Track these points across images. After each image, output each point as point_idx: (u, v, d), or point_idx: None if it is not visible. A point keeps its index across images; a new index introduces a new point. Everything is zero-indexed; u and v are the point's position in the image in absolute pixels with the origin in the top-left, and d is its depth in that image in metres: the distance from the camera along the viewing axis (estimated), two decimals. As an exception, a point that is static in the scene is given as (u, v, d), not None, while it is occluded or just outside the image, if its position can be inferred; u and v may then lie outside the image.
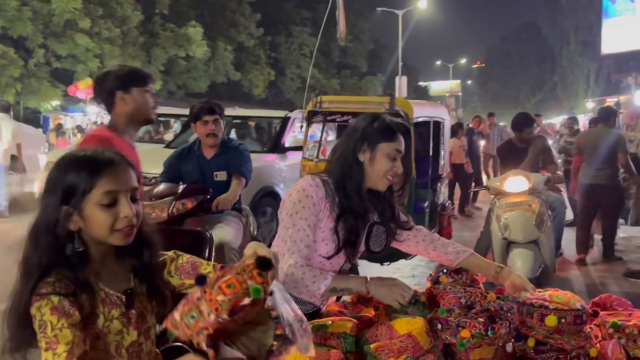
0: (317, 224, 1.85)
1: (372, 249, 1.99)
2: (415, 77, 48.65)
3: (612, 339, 1.48)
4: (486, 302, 1.55)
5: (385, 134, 1.88)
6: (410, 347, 1.45)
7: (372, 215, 1.98)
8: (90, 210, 1.26)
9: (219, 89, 28.94)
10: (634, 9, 22.15)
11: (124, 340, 1.32)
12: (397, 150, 1.89)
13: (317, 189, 1.87)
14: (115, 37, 19.45)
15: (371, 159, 1.88)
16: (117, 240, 1.30)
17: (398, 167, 1.90)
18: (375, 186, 1.91)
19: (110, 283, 1.34)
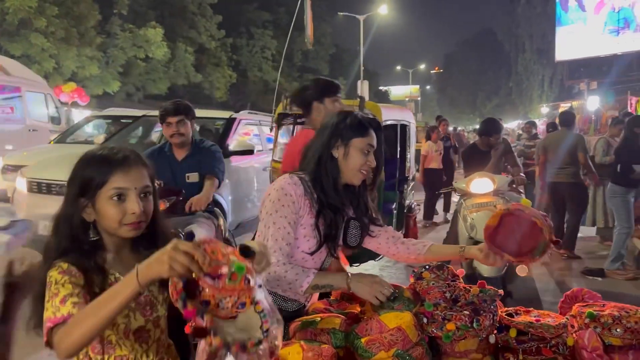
0: (298, 221, 1.88)
1: (349, 244, 2.02)
2: (376, 81, 49.27)
3: (588, 328, 1.56)
4: (470, 295, 1.60)
5: (357, 129, 1.93)
6: (400, 340, 1.49)
7: (348, 211, 2.02)
8: (102, 203, 1.37)
9: (179, 91, 28.51)
10: (585, 18, 23.11)
11: (130, 324, 1.40)
12: (369, 145, 1.93)
13: (295, 187, 1.89)
14: (71, 37, 18.93)
15: (345, 154, 1.92)
16: (125, 233, 1.39)
17: (371, 161, 1.94)
18: (351, 181, 1.95)
19: (122, 270, 1.40)
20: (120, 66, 22.83)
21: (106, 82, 21.67)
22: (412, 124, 6.29)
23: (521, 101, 41.50)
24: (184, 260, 1.10)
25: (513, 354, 1.60)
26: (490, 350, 1.63)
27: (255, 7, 34.21)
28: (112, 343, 1.40)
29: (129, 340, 1.40)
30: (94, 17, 20.09)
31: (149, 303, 1.45)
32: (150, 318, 1.45)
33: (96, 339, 1.31)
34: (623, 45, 21.41)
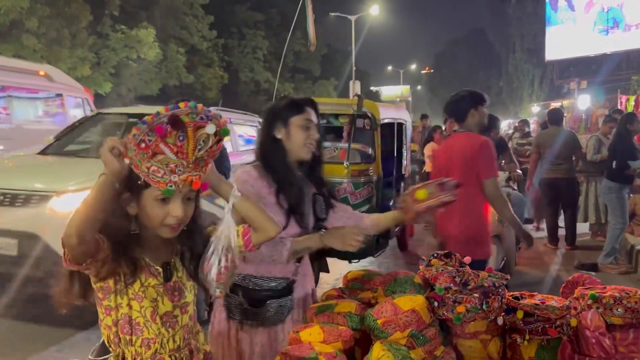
0: (261, 202, 1.91)
1: (319, 217, 2.16)
2: (367, 81, 49.41)
3: (590, 309, 1.65)
4: (479, 279, 1.69)
5: (293, 108, 2.07)
6: (414, 322, 1.57)
7: (311, 188, 2.17)
8: (146, 201, 1.40)
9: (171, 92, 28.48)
10: (574, 18, 23.35)
11: (158, 308, 1.47)
12: (308, 120, 2.07)
13: (249, 173, 2.04)
14: (63, 38, 18.85)
15: (287, 133, 2.06)
16: (164, 233, 1.44)
17: (313, 134, 2.08)
18: (300, 157, 2.08)
19: (154, 257, 1.48)
20: (112, 67, 22.75)
21: (98, 83, 21.60)
22: (409, 122, 6.40)
23: (512, 101, 41.83)
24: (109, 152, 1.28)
25: (520, 335, 1.68)
26: (498, 332, 1.71)
27: (247, 7, 34.22)
28: (140, 325, 1.45)
29: (155, 324, 1.46)
30: (85, 17, 20.01)
31: (177, 289, 1.51)
32: (177, 304, 1.51)
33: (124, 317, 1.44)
34: (612, 44, 21.65)
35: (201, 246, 1.51)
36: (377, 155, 5.12)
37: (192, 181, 1.36)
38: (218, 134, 1.38)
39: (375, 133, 5.11)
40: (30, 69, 9.53)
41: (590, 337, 1.60)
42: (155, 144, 1.31)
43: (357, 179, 4.91)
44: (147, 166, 1.33)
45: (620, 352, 1.60)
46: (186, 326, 1.53)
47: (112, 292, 1.44)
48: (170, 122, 1.31)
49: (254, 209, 1.58)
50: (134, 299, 1.45)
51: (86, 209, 1.26)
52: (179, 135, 1.32)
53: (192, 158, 1.35)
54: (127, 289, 1.44)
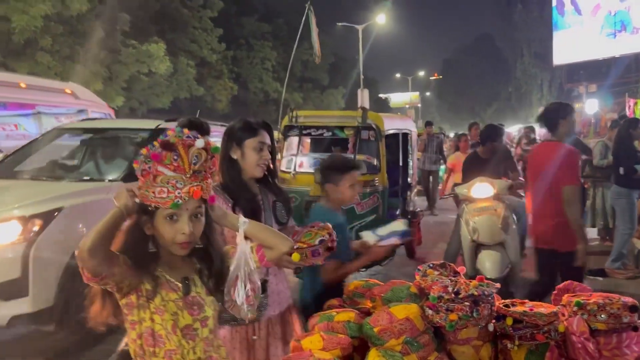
0: None
1: (280, 221, 2.34)
2: (376, 89, 49.57)
3: (576, 315, 1.75)
4: (470, 288, 1.79)
5: (247, 131, 2.25)
6: (409, 329, 1.68)
7: (270, 197, 2.36)
8: (158, 221, 1.54)
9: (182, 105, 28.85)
10: (581, 21, 23.33)
11: (178, 321, 1.58)
12: (261, 142, 2.24)
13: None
14: (76, 54, 19.25)
15: (242, 154, 2.25)
16: (176, 250, 1.58)
17: (265, 156, 2.26)
18: (253, 175, 2.27)
19: (172, 272, 1.61)
20: (124, 81, 23.14)
21: (110, 98, 21.94)
22: (414, 132, 6.50)
23: (521, 105, 41.70)
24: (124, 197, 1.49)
25: (510, 340, 1.78)
26: (489, 337, 1.82)
27: (255, 19, 34.59)
28: (162, 337, 1.57)
29: (176, 336, 1.57)
30: (97, 34, 20.41)
31: (196, 303, 1.62)
32: (197, 317, 1.61)
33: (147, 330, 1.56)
34: (620, 47, 21.60)
35: (218, 263, 1.65)
36: (382, 165, 5.23)
37: (194, 191, 1.50)
38: (209, 152, 1.55)
39: (380, 144, 5.22)
40: (57, 87, 10.11)
41: (575, 342, 1.70)
42: (154, 169, 1.49)
43: (363, 190, 5.02)
44: (153, 191, 1.50)
45: (605, 356, 1.70)
46: (206, 339, 1.63)
47: (135, 307, 1.57)
48: (162, 146, 1.50)
49: (263, 230, 1.69)
50: (156, 312, 1.56)
51: (97, 233, 1.42)
52: (173, 156, 1.49)
53: (189, 172, 1.50)
54: (149, 304, 1.56)
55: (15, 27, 16.43)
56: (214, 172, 1.59)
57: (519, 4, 38.17)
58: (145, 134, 5.25)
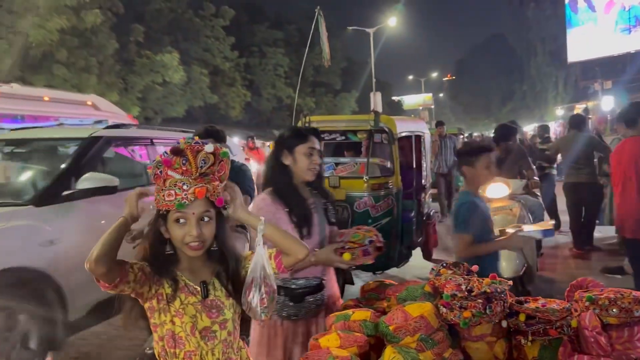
0: (279, 221, 2.26)
1: (330, 221, 2.48)
2: (389, 92, 49.48)
3: (588, 310, 1.77)
4: (483, 285, 1.83)
5: (297, 138, 2.39)
6: (423, 327, 1.72)
7: (320, 199, 2.47)
8: (170, 225, 1.64)
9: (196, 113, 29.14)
10: (595, 18, 23.14)
11: (197, 323, 1.64)
12: (311, 148, 2.37)
13: (264, 200, 2.37)
14: (91, 66, 19.57)
15: (293, 160, 2.37)
16: (187, 251, 1.65)
17: (316, 160, 2.38)
18: (305, 179, 2.39)
19: (192, 276, 1.68)
20: (139, 91, 23.45)
21: (126, 108, 22.26)
22: (427, 134, 6.52)
23: (536, 104, 41.35)
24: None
25: (523, 336, 1.82)
26: (503, 334, 1.85)
27: (266, 26, 34.84)
28: (182, 339, 1.64)
29: (195, 338, 1.64)
30: (112, 45, 20.74)
31: (215, 306, 1.68)
32: (216, 320, 1.67)
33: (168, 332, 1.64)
34: (636, 43, 21.37)
35: (235, 266, 1.71)
36: (395, 168, 5.27)
37: (198, 191, 1.58)
38: (218, 156, 1.63)
39: (393, 147, 5.26)
40: (79, 100, 10.68)
41: (588, 337, 1.73)
42: (165, 173, 1.59)
43: (377, 193, 5.06)
44: (163, 195, 1.60)
45: (617, 349, 1.73)
46: (225, 341, 1.69)
47: (156, 311, 1.65)
48: (172, 152, 1.59)
49: (282, 236, 1.74)
50: (176, 315, 1.63)
51: (103, 243, 1.51)
52: (182, 160, 1.59)
53: (195, 174, 1.59)
54: (169, 307, 1.63)
55: (32, 42, 16.77)
56: (222, 176, 1.66)
57: (531, 3, 37.94)
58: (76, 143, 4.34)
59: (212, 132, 3.81)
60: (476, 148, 3.12)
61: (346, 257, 2.13)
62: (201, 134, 3.79)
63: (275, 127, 34.76)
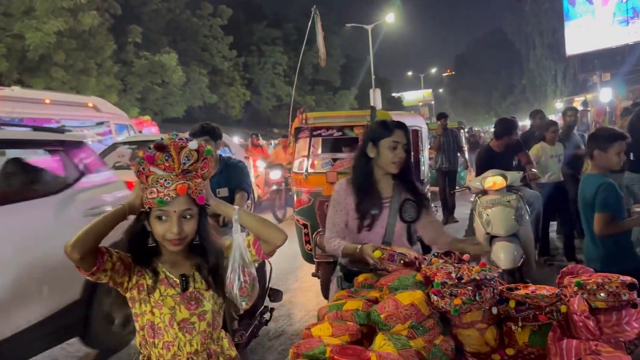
0: (346, 209, 2.53)
1: (405, 219, 2.55)
2: (388, 88, 49.50)
3: (576, 295, 1.79)
4: (472, 273, 1.85)
5: (382, 131, 2.46)
6: (414, 314, 1.74)
7: (403, 195, 2.54)
8: (152, 220, 1.67)
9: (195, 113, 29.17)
10: (593, 10, 23.15)
11: (175, 315, 1.68)
12: (394, 141, 2.43)
13: (340, 184, 2.57)
14: (89, 68, 19.60)
15: (377, 153, 2.46)
16: (168, 246, 1.68)
17: (399, 154, 2.44)
18: (388, 171, 2.49)
19: (173, 269, 1.71)
20: (138, 92, 23.50)
21: (125, 109, 22.30)
22: (424, 128, 6.53)
23: (536, 98, 41.35)
24: None
25: (514, 322, 1.83)
26: (493, 320, 1.87)
27: (264, 25, 34.86)
28: (161, 330, 1.68)
29: (173, 329, 1.67)
30: (110, 47, 20.77)
31: (194, 298, 1.71)
32: (195, 312, 1.70)
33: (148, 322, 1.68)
34: (634, 34, 21.40)
35: (215, 259, 1.73)
36: (393, 163, 5.28)
37: (179, 188, 1.59)
38: (202, 153, 1.64)
39: (389, 142, 5.27)
40: (80, 102, 10.96)
41: (577, 321, 1.75)
42: (147, 169, 1.61)
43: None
44: (145, 192, 1.63)
45: (605, 333, 1.75)
46: (204, 332, 1.72)
47: (137, 301, 1.69)
48: (155, 148, 1.61)
49: (258, 224, 1.75)
50: (155, 306, 1.67)
51: (88, 229, 1.55)
52: (165, 156, 1.60)
53: (178, 170, 1.61)
54: (150, 298, 1.67)
55: (30, 44, 16.80)
56: (205, 173, 1.67)
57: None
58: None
59: (208, 130, 3.82)
60: (612, 135, 3.30)
61: (376, 254, 2.20)
62: (197, 131, 3.81)
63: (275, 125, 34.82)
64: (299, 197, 5.20)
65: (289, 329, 4.50)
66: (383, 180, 2.51)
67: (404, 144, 2.45)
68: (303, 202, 5.16)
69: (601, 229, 3.11)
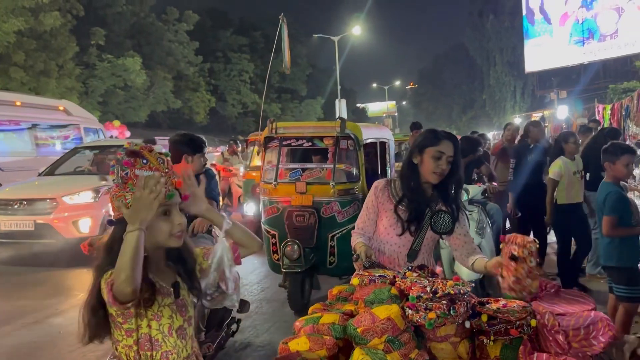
0: (380, 208, 2.53)
1: (436, 230, 2.50)
2: (353, 99, 49.98)
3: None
4: (447, 287, 1.89)
5: (429, 140, 2.46)
6: (390, 328, 1.76)
7: (440, 206, 2.49)
8: (153, 221, 1.60)
9: (159, 118, 28.75)
10: (551, 30, 23.95)
11: (173, 323, 1.68)
12: (439, 152, 2.41)
13: (380, 182, 2.59)
14: (50, 69, 19.08)
15: (421, 161, 2.46)
16: (173, 243, 1.68)
17: (441, 164, 2.42)
18: (428, 180, 2.47)
19: (163, 279, 1.70)
20: (100, 95, 22.99)
21: (86, 112, 21.81)
22: (391, 140, 6.62)
23: (495, 113, 42.42)
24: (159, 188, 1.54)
25: (486, 336, 1.88)
26: (466, 334, 1.91)
27: (231, 32, 34.71)
28: (159, 341, 1.66)
29: (172, 338, 1.68)
30: (72, 49, 20.29)
31: (184, 305, 1.73)
32: (185, 317, 1.72)
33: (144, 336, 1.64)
34: (589, 55, 22.22)
35: (191, 263, 1.76)
36: (361, 174, 5.32)
37: (177, 182, 1.65)
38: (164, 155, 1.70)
39: (358, 153, 5.31)
40: (51, 105, 11.06)
41: (547, 336, 1.81)
42: (132, 173, 1.63)
43: (343, 198, 5.09)
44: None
45: (574, 347, 1.81)
46: (192, 337, 1.76)
47: (132, 316, 1.64)
48: (128, 154, 1.64)
49: (242, 232, 1.83)
50: (153, 318, 1.65)
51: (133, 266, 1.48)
52: (143, 160, 1.64)
53: (163, 169, 1.66)
54: (147, 311, 1.64)
55: (-13, 43, 16.27)
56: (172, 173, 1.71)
57: (490, 14, 38.99)
58: None
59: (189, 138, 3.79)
60: (620, 149, 3.73)
61: (354, 281, 2.19)
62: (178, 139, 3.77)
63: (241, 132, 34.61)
64: (267, 207, 5.18)
65: (256, 340, 4.46)
66: (424, 187, 2.51)
67: (449, 155, 2.43)
68: (271, 212, 5.15)
69: (607, 230, 3.59)
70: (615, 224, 3.58)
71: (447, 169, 2.43)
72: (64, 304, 5.40)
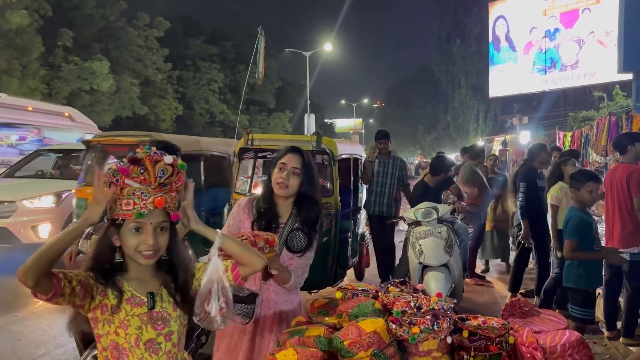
0: (240, 225, 2.50)
1: (291, 248, 2.48)
2: (321, 114, 50.28)
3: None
4: (431, 303, 1.94)
5: (279, 154, 2.52)
6: (376, 342, 1.80)
7: (294, 222, 2.49)
8: (124, 233, 1.63)
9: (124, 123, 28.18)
10: (515, 58, 24.75)
11: (142, 335, 1.64)
12: (282, 163, 2.47)
13: (242, 201, 2.59)
14: (14, 69, 18.53)
15: (270, 174, 2.51)
16: (139, 260, 1.64)
17: (282, 175, 2.44)
18: (276, 192, 2.48)
19: (140, 287, 1.67)
20: (64, 98, 22.40)
21: (48, 114, 21.21)
22: (364, 157, 6.72)
23: (458, 134, 43.39)
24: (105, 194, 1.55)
25: (466, 352, 1.93)
26: (447, 350, 1.96)
27: (202, 40, 34.50)
28: (126, 350, 1.63)
29: (139, 350, 1.64)
30: (37, 49, 19.77)
31: (161, 318, 1.68)
32: (161, 332, 1.67)
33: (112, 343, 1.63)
34: (550, 83, 23.04)
35: (184, 277, 1.71)
36: (335, 189, 5.38)
37: (157, 201, 1.59)
38: (176, 167, 1.65)
39: (333, 168, 5.38)
40: (57, 111, 11.90)
41: (524, 352, 1.87)
42: (122, 181, 1.60)
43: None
44: (120, 204, 1.59)
45: (550, 364, 1.88)
46: (169, 353, 1.69)
47: (100, 322, 1.63)
48: (130, 161, 1.61)
49: (240, 248, 1.77)
50: (120, 327, 1.63)
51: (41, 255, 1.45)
52: (140, 169, 1.60)
53: (154, 184, 1.60)
54: (114, 318, 1.62)
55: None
56: (180, 187, 1.67)
57: (457, 39, 40.04)
58: None
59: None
60: (584, 176, 3.94)
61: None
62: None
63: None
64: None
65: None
66: (279, 202, 2.50)
67: (294, 167, 2.43)
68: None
69: (567, 253, 3.82)
70: (574, 247, 3.77)
71: (295, 182, 2.44)
72: (23, 311, 5.22)
